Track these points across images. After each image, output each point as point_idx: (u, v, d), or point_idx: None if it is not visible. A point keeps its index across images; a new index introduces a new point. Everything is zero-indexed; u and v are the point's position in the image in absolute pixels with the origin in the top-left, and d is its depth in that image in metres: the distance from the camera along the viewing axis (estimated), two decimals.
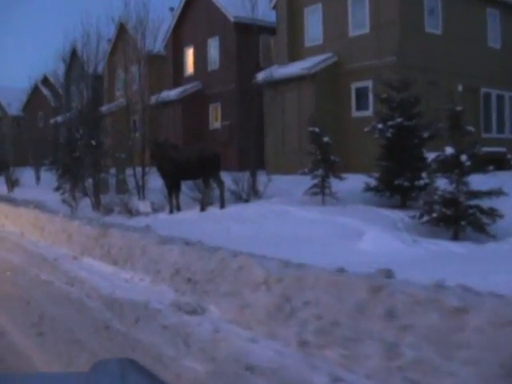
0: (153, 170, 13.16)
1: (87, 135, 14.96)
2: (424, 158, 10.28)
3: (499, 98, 17.61)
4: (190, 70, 22.84)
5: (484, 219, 8.33)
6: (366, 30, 15.75)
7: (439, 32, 16.02)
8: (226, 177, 11.61)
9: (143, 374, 1.22)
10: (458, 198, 8.36)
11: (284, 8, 17.81)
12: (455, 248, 7.31)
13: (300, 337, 3.55)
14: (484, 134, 16.03)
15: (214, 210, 10.77)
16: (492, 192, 8.35)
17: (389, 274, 4.42)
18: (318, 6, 17.07)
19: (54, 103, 26.26)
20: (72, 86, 19.13)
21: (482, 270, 5.26)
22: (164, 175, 11.72)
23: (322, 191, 10.49)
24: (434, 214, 8.43)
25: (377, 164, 10.58)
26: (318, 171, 10.49)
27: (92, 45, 15.80)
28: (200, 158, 11.18)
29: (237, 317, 4.08)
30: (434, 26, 15.91)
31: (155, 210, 11.90)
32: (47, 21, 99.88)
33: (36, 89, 33.58)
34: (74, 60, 20.63)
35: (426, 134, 10.38)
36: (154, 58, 18.65)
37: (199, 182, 11.85)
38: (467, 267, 5.60)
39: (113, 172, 15.57)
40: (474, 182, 8.62)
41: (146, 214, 11.52)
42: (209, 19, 21.43)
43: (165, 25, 21.79)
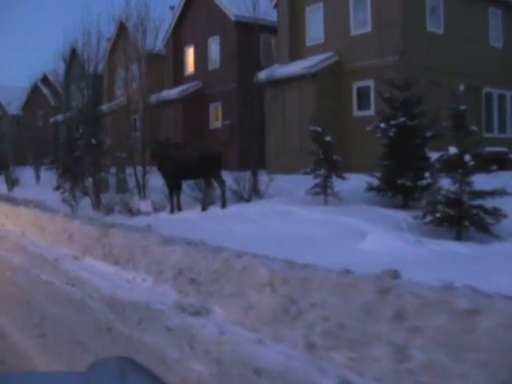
0: (153, 169, 13.10)
1: (87, 134, 14.90)
2: (427, 158, 10.21)
3: (501, 98, 17.56)
4: (190, 69, 22.77)
5: (488, 219, 8.28)
6: (368, 29, 15.68)
7: (441, 31, 15.96)
8: (227, 176, 11.54)
9: (142, 372, 1.21)
10: (462, 198, 8.30)
11: (285, 7, 17.74)
12: (459, 248, 7.27)
13: (307, 339, 3.49)
14: (485, 134, 15.97)
15: (215, 210, 10.70)
16: (495, 192, 8.30)
17: (395, 275, 4.37)
18: (320, 5, 17.00)
19: (53, 102, 26.21)
20: (72, 85, 19.09)
21: (485, 271, 5.22)
22: (165, 174, 11.64)
23: (324, 191, 10.42)
24: (437, 214, 8.36)
25: (379, 163, 10.51)
26: (320, 171, 10.42)
27: (92, 43, 15.76)
28: (201, 157, 11.09)
29: (242, 318, 4.02)
30: (435, 25, 15.85)
31: (156, 209, 11.83)
32: (47, 20, 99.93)
33: (36, 88, 33.52)
34: (74, 59, 20.56)
35: (428, 134, 10.32)
36: (154, 57, 18.60)
37: (200, 181, 11.78)
38: (471, 267, 5.55)
39: (113, 171, 15.50)
40: (476, 181, 8.57)
41: (147, 214, 11.44)
42: (209, 18, 21.36)
43: (165, 24, 21.74)
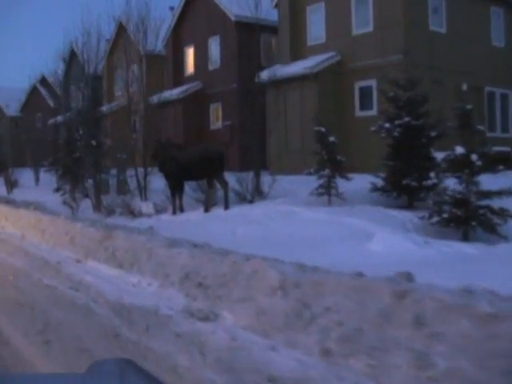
0: (154, 170, 12.97)
1: (87, 135, 14.77)
2: (432, 158, 10.10)
3: (503, 97, 17.47)
4: (190, 70, 22.64)
5: (495, 219, 8.18)
6: (370, 28, 15.56)
7: (443, 30, 15.86)
8: (230, 177, 11.42)
9: (141, 374, 1.20)
10: (469, 198, 8.19)
11: (286, 7, 17.62)
12: (467, 249, 7.16)
13: (322, 345, 3.36)
14: (488, 134, 15.87)
15: (218, 211, 10.57)
16: (502, 192, 8.20)
17: (409, 278, 4.25)
18: (321, 5, 16.89)
19: (52, 104, 26.08)
20: (72, 85, 18.96)
21: (498, 272, 5.11)
22: (167, 175, 11.51)
23: (328, 192, 10.30)
24: (444, 215, 8.26)
25: (384, 164, 10.39)
26: (324, 171, 10.29)
27: (92, 44, 15.64)
28: (204, 157, 10.95)
29: (253, 323, 3.89)
30: (438, 24, 15.74)
31: (158, 211, 11.69)
32: (46, 21, 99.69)
33: (34, 89, 33.37)
34: (73, 59, 20.44)
35: (433, 134, 10.20)
36: (154, 58, 18.48)
37: (202, 182, 11.64)
38: (482, 268, 5.45)
39: (113, 172, 15.37)
40: (482, 181, 8.47)
41: (149, 216, 11.31)
42: (209, 18, 21.23)
43: (165, 24, 21.62)
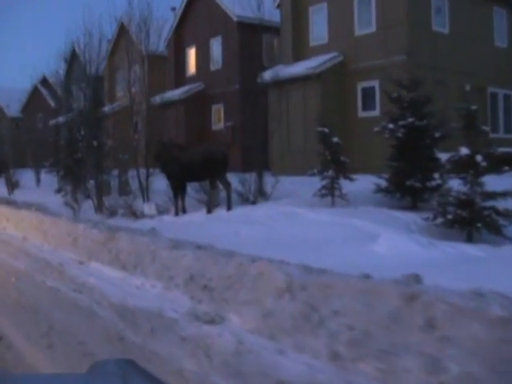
0: (156, 171, 12.91)
1: (89, 136, 14.72)
2: (436, 159, 10.04)
3: (506, 98, 17.41)
4: (192, 70, 22.60)
5: (500, 221, 8.12)
6: (372, 28, 15.51)
7: (446, 31, 15.80)
8: (232, 178, 11.36)
9: (143, 374, 1.19)
10: (474, 199, 8.13)
11: (288, 7, 17.58)
12: (472, 251, 7.10)
13: (331, 349, 3.31)
14: (491, 134, 15.79)
15: (220, 212, 10.51)
16: (507, 193, 8.15)
17: (417, 280, 4.20)
18: (323, 5, 16.84)
19: (54, 104, 26.04)
20: (73, 86, 18.91)
21: (505, 274, 5.06)
22: (169, 176, 11.44)
23: (332, 193, 10.24)
24: (448, 216, 8.20)
25: (387, 165, 10.33)
26: (327, 172, 10.23)
27: (94, 44, 15.59)
28: (207, 158, 10.88)
29: (259, 326, 3.83)
30: (441, 24, 15.69)
31: (160, 212, 11.63)
32: (48, 21, 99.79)
33: (35, 90, 33.33)
34: (75, 60, 20.40)
35: (437, 134, 10.14)
36: (156, 58, 18.42)
37: (205, 183, 11.59)
38: (489, 270, 5.40)
39: (115, 173, 15.31)
40: (487, 182, 8.42)
41: (151, 217, 11.25)
42: (211, 19, 21.19)
43: (167, 25, 21.60)
